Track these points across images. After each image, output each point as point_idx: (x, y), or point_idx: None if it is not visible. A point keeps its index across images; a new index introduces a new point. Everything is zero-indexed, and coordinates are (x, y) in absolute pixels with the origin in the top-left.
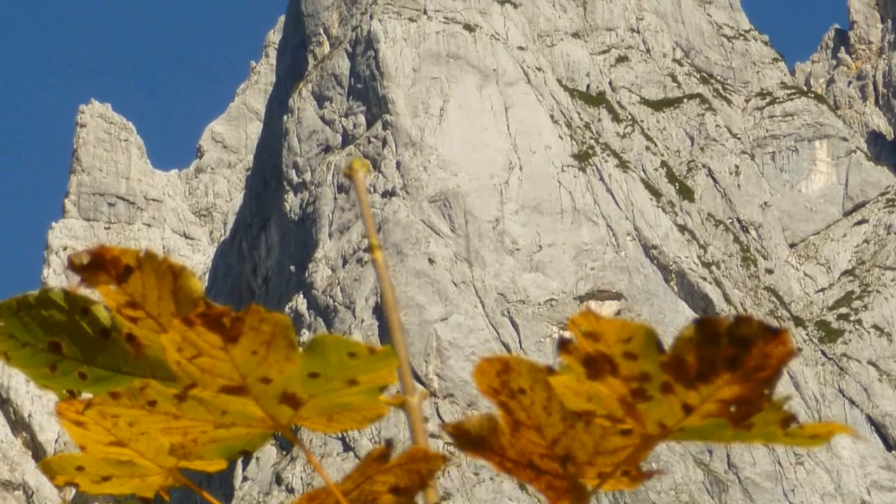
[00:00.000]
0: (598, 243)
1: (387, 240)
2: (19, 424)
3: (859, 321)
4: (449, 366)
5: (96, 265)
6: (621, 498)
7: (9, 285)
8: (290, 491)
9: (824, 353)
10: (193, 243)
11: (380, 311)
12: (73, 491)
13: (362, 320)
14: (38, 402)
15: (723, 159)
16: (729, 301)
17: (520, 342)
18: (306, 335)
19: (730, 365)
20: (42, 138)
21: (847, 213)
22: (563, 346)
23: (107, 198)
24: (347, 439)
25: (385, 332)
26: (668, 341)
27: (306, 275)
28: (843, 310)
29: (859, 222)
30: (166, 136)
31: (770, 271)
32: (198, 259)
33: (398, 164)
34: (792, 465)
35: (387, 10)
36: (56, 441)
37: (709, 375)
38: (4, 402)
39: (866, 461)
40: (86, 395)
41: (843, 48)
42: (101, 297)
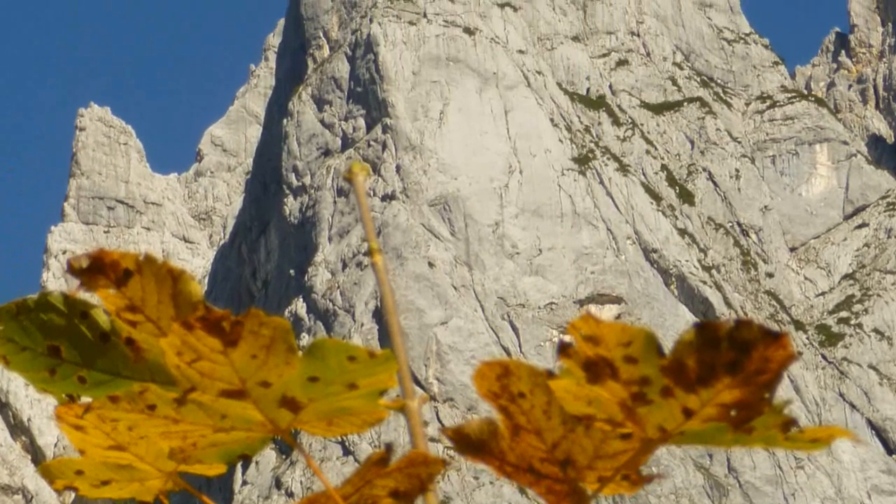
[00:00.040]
0: (599, 247)
1: (386, 243)
2: (18, 428)
3: (860, 325)
4: (449, 370)
5: (95, 269)
6: (621, 502)
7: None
8: (290, 495)
9: (825, 357)
10: (193, 247)
11: (379, 315)
12: (73, 495)
13: (362, 324)
14: (37, 405)
15: (723, 163)
16: (729, 305)
17: (520, 346)
18: (306, 339)
19: (730, 369)
20: (41, 142)
21: (847, 217)
22: (563, 349)
23: (106, 201)
24: (347, 443)
25: (385, 336)
26: (668, 345)
27: (306, 278)
28: (844, 314)
29: (860, 226)
30: (166, 140)
31: (770, 275)
32: (197, 263)
33: (398, 168)
34: (792, 469)
35: (386, 13)
36: (55, 445)
37: (709, 379)
38: (3, 406)
39: (867, 465)
40: (85, 399)
41: (843, 51)
42: (101, 301)
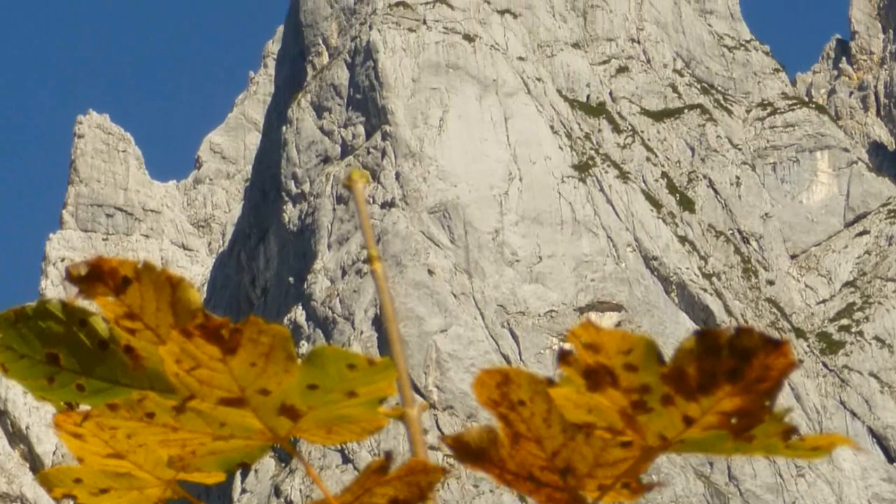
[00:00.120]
0: (599, 254)
1: (386, 251)
2: (17, 436)
3: (860, 333)
4: (448, 377)
5: (94, 276)
6: None
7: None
8: (289, 503)
9: (825, 365)
10: (192, 254)
11: (379, 323)
12: (72, 503)
13: (361, 332)
14: (35, 413)
15: (723, 170)
16: (730, 312)
17: (520, 354)
18: (305, 347)
19: (731, 377)
20: (40, 149)
21: (848, 224)
22: (563, 357)
23: (105, 209)
24: (346, 451)
25: (384, 344)
26: (668, 353)
27: (305, 286)
28: (845, 321)
29: (861, 233)
30: (165, 147)
31: (771, 282)
32: (196, 270)
33: (397, 175)
34: (793, 477)
35: (386, 20)
36: (54, 453)
37: (709, 387)
38: (2, 414)
39: (868, 473)
40: (84, 407)
41: (844, 58)
42: (99, 309)
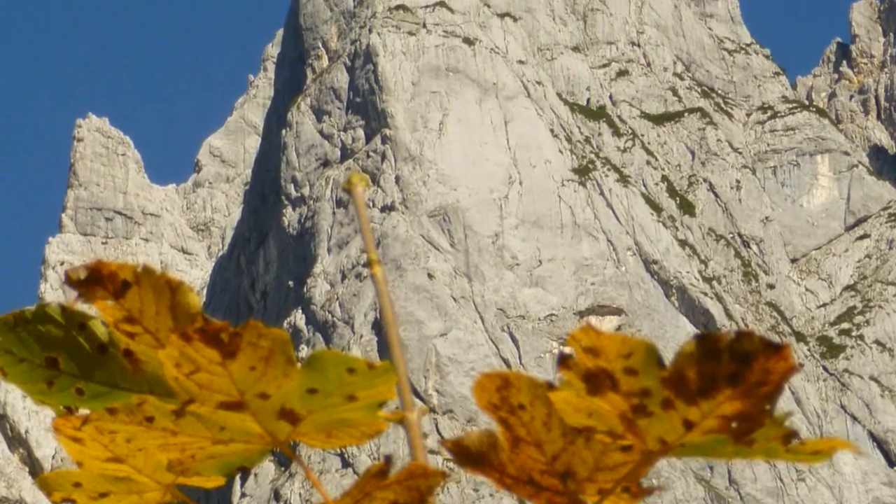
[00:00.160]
0: (599, 258)
1: (386, 255)
2: (16, 440)
3: (861, 336)
4: (448, 381)
5: (93, 280)
6: None
7: (5, 300)
8: None
9: (826, 369)
10: (191, 258)
11: (379, 327)
12: None
13: (361, 336)
14: (35, 417)
15: (724, 174)
16: (730, 316)
17: (519, 357)
18: (305, 351)
19: (731, 381)
20: (39, 152)
21: (849, 228)
22: (564, 361)
23: (104, 212)
24: (346, 455)
25: (384, 348)
26: (668, 357)
27: (305, 290)
28: (845, 325)
29: (861, 237)
30: (164, 151)
31: (771, 286)
32: (195, 274)
33: (397, 179)
34: (793, 481)
35: (386, 23)
36: (53, 457)
37: (710, 391)
38: (1, 418)
39: (868, 477)
40: (83, 411)
41: (844, 62)
42: (99, 313)
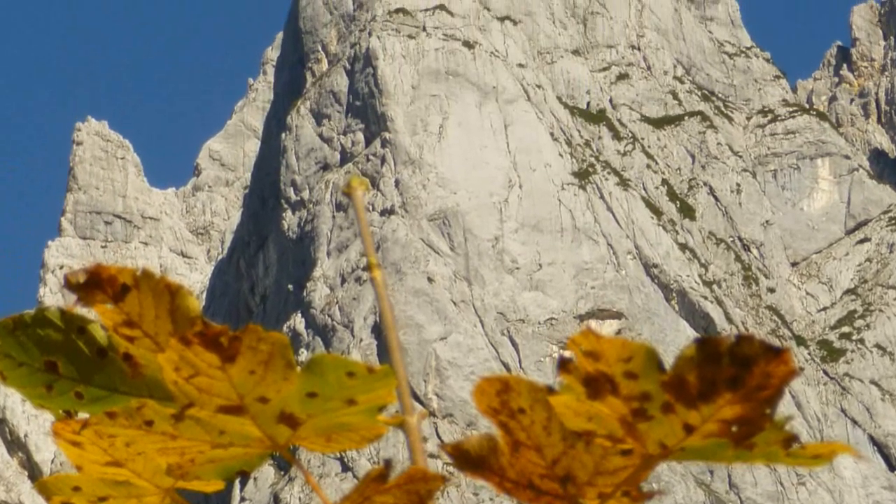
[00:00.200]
0: (599, 262)
1: (385, 258)
2: (15, 444)
3: (861, 340)
4: (448, 385)
5: (93, 284)
6: None
7: (5, 304)
8: None
9: (826, 373)
10: (191, 262)
11: (378, 331)
12: None
13: (361, 339)
14: (34, 421)
15: (724, 177)
16: (730, 320)
17: (519, 361)
18: (304, 355)
19: (731, 384)
20: (38, 156)
21: (849, 232)
22: (564, 365)
23: (103, 216)
24: (346, 459)
25: (384, 352)
26: (668, 361)
27: (304, 294)
28: (846, 329)
29: (861, 241)
30: (163, 154)
31: (772, 290)
32: (195, 278)
33: (397, 182)
34: (794, 485)
35: (385, 27)
36: (52, 461)
37: (710, 395)
38: (0, 422)
39: (869, 481)
40: (82, 415)
41: (845, 65)
42: (98, 316)
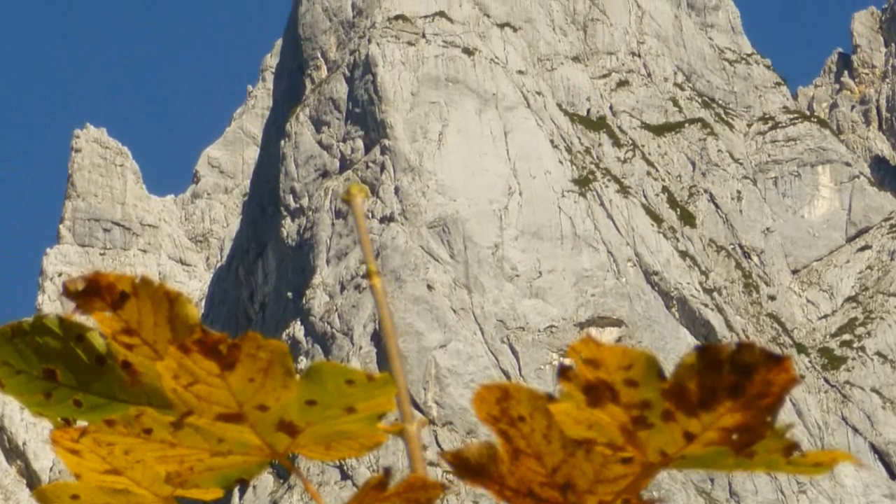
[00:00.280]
0: (599, 269)
1: (385, 266)
2: (14, 452)
3: (862, 348)
4: (448, 393)
5: (91, 291)
6: None
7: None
8: None
9: (827, 381)
10: (190, 269)
11: (378, 338)
12: None
13: (360, 347)
14: (32, 429)
15: (724, 184)
16: (731, 328)
17: (519, 369)
18: (304, 362)
19: (732, 392)
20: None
21: (850, 239)
22: (564, 373)
23: (102, 223)
24: (345, 467)
25: (383, 360)
26: (669, 368)
27: (304, 301)
28: (847, 336)
29: (862, 248)
30: (162, 161)
31: (772, 297)
32: (194, 285)
33: (396, 190)
34: (794, 493)
35: (385, 33)
36: (51, 469)
37: (710, 403)
38: None
39: (870, 490)
40: (81, 423)
41: (846, 72)
42: (97, 324)
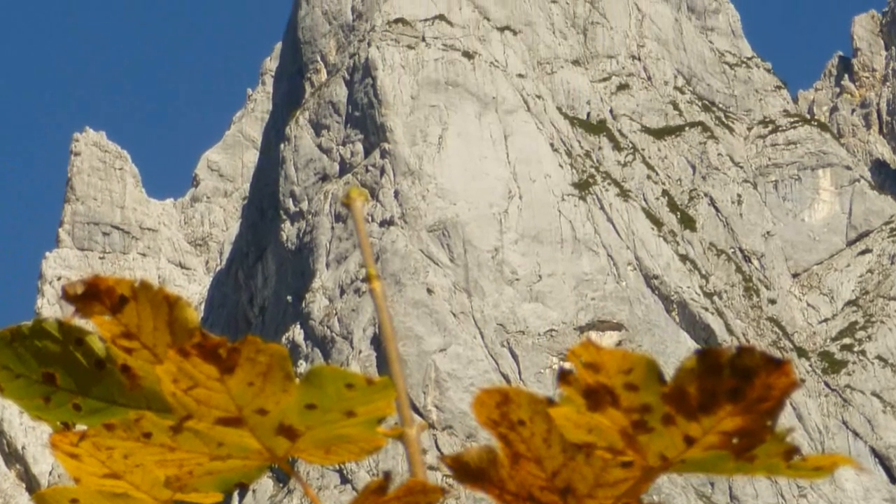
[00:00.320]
0: (599, 273)
1: (385, 270)
2: (13, 456)
3: (863, 352)
4: (448, 397)
5: (91, 295)
6: None
7: (2, 315)
8: None
9: (828, 385)
10: (189, 273)
11: (378, 342)
12: None
13: (360, 351)
14: (31, 433)
15: (725, 188)
16: (731, 331)
17: (519, 373)
18: (303, 366)
19: (732, 396)
20: (36, 166)
21: (851, 243)
22: (564, 377)
23: (101, 227)
24: (345, 471)
25: (383, 363)
26: (669, 372)
27: (303, 305)
28: (847, 340)
29: (863, 252)
30: (162, 165)
31: (773, 301)
32: (193, 289)
33: (396, 193)
34: (795, 497)
35: (385, 37)
36: (50, 473)
37: (711, 407)
38: None
39: (870, 494)
40: (80, 427)
41: (846, 76)
42: (96, 328)
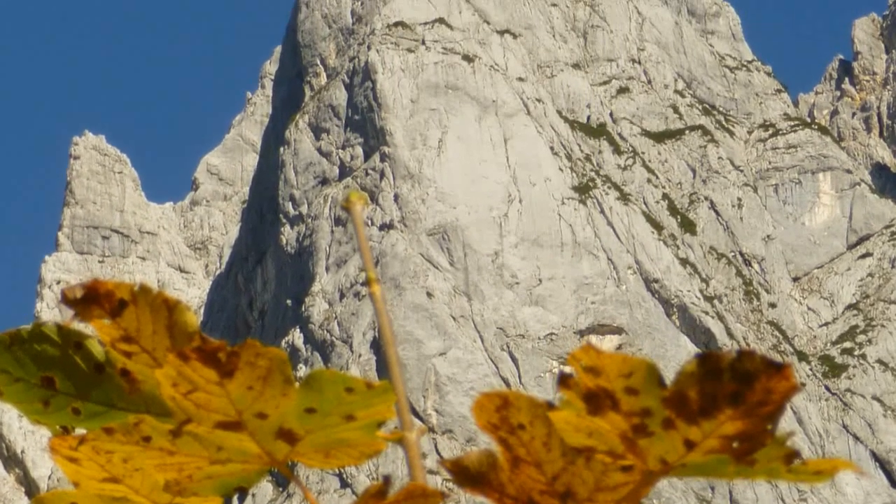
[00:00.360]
0: (599, 277)
1: (384, 273)
2: (12, 460)
3: (863, 356)
4: (447, 401)
5: (90, 299)
6: None
7: (1, 319)
8: None
9: (828, 389)
10: (188, 277)
11: (377, 346)
12: None
13: (360, 355)
14: (31, 437)
15: (725, 192)
16: (731, 335)
17: (519, 377)
18: (303, 370)
19: (732, 400)
20: (35, 170)
21: (851, 247)
22: (564, 381)
23: (101, 231)
24: (345, 475)
25: (383, 367)
26: (669, 376)
27: (303, 309)
28: (847, 344)
29: (863, 255)
30: (161, 169)
31: (773, 305)
32: (193, 293)
33: (396, 197)
34: (795, 501)
35: (384, 40)
36: (49, 477)
37: (711, 411)
38: None
39: (871, 498)
40: (79, 431)
41: (847, 79)
42: (95, 332)
